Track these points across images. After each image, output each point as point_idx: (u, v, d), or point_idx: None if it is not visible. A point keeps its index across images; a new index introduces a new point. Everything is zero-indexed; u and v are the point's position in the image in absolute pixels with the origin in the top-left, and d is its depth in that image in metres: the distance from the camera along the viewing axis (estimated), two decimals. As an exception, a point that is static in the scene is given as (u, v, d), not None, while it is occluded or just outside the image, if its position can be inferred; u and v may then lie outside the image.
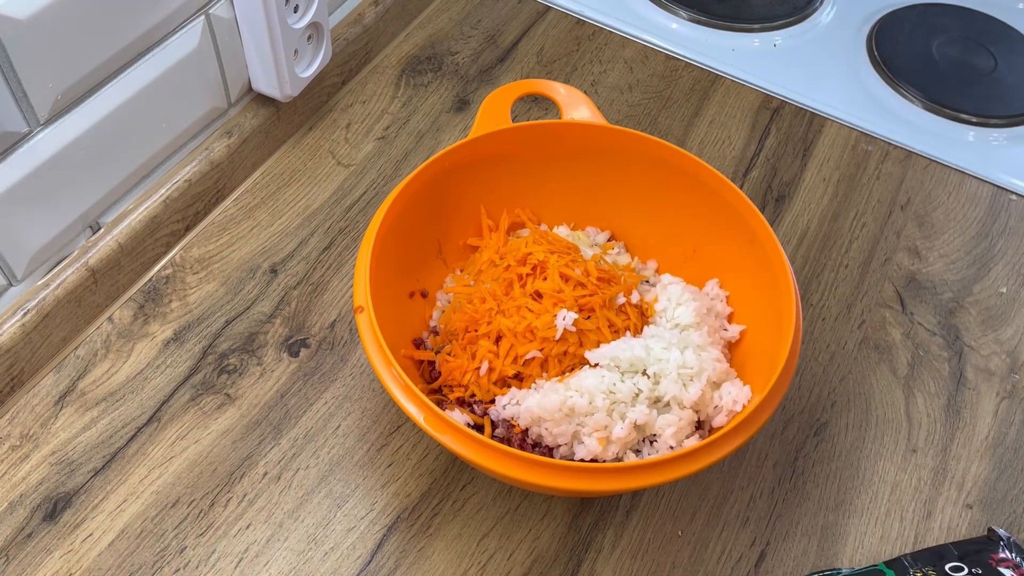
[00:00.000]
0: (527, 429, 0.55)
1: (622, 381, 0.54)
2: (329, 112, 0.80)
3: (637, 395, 0.54)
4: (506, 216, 0.65)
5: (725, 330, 0.61)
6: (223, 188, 0.72)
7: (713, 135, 0.81)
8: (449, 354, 0.58)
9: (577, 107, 0.65)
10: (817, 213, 0.76)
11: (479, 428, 0.56)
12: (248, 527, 0.57)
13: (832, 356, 0.67)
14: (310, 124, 0.79)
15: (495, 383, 0.56)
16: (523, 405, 0.54)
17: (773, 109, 0.84)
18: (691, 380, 0.55)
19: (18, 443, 0.59)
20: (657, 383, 0.55)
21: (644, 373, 0.55)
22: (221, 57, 0.68)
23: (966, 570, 0.53)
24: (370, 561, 0.56)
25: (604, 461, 0.53)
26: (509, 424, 0.55)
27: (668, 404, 0.55)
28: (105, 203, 0.64)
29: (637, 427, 0.54)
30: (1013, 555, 0.54)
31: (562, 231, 0.66)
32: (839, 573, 0.56)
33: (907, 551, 0.58)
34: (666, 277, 0.64)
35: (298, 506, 0.57)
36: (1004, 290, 0.72)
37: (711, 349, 0.58)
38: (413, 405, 0.49)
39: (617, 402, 0.53)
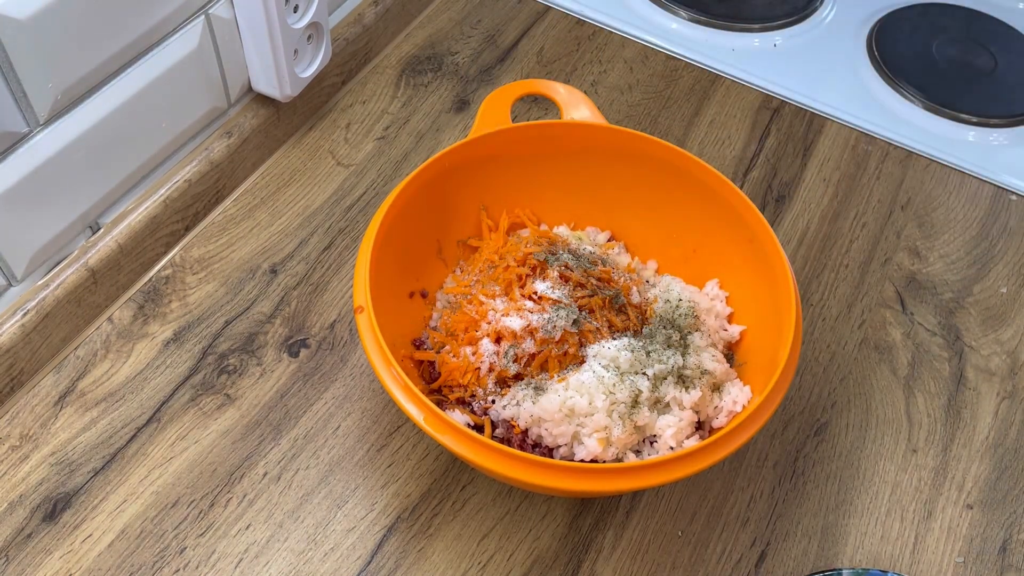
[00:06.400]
0: (527, 430, 0.55)
1: (621, 382, 0.54)
2: (329, 112, 0.80)
3: (637, 396, 0.53)
4: (506, 216, 0.65)
5: (725, 330, 0.61)
6: (223, 188, 0.72)
7: (713, 135, 0.81)
8: (449, 354, 0.58)
9: (577, 107, 0.65)
10: (817, 213, 0.76)
11: (479, 428, 0.56)
12: (248, 527, 0.56)
13: (832, 356, 0.67)
14: (310, 124, 0.79)
15: (495, 383, 0.56)
16: (523, 406, 0.54)
17: (773, 109, 0.84)
18: (691, 381, 0.55)
19: (18, 443, 0.59)
20: (657, 384, 0.55)
21: (644, 374, 0.55)
22: (221, 57, 0.68)
23: None
24: (370, 561, 0.56)
25: (604, 461, 0.53)
26: (509, 424, 0.55)
27: (668, 405, 0.55)
28: (105, 203, 0.64)
29: (637, 428, 0.54)
30: None
31: (562, 231, 0.66)
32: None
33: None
34: (666, 277, 0.64)
35: (298, 506, 0.57)
36: (1004, 290, 0.72)
37: (711, 350, 0.58)
38: (413, 406, 0.49)
39: (617, 403, 0.53)
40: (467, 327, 0.58)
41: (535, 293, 0.58)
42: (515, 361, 0.56)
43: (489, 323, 0.57)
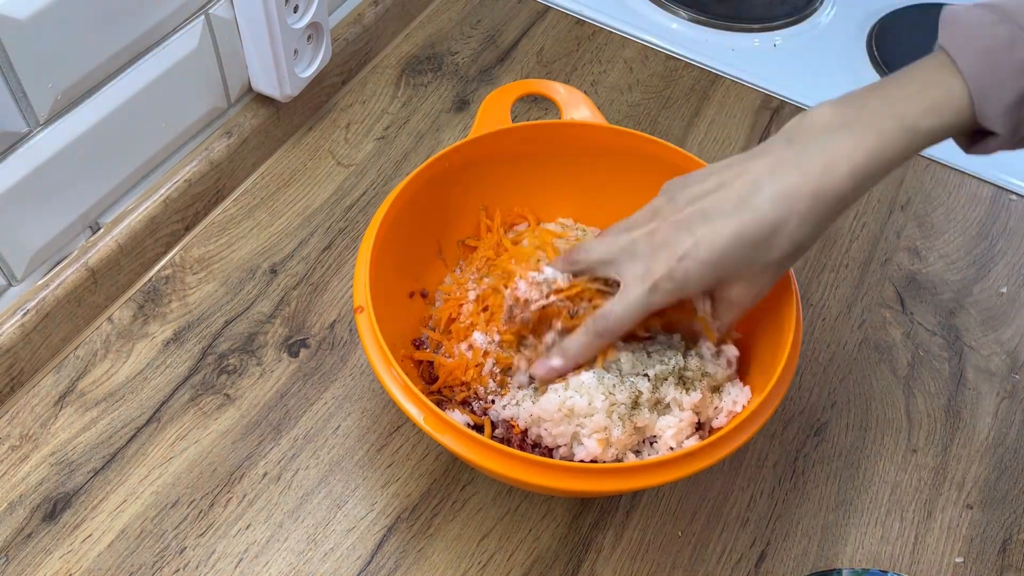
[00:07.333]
0: (527, 430, 0.54)
1: (621, 383, 0.54)
2: (329, 112, 0.80)
3: (637, 397, 0.53)
4: (499, 215, 0.65)
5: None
6: (223, 188, 0.72)
7: (713, 135, 0.81)
8: (444, 355, 0.58)
9: (577, 107, 0.65)
10: (817, 213, 0.76)
11: (479, 428, 0.56)
12: (248, 527, 0.56)
13: (832, 356, 0.67)
14: (310, 124, 0.79)
15: (497, 384, 0.56)
16: (522, 406, 0.54)
17: (773, 109, 0.84)
18: (691, 383, 0.55)
19: (18, 443, 0.59)
20: (658, 386, 0.54)
21: (644, 375, 0.55)
22: (221, 57, 0.68)
23: None
24: (370, 561, 0.56)
25: (604, 462, 0.53)
26: (509, 424, 0.55)
27: (668, 406, 0.55)
28: (105, 203, 0.64)
29: (637, 429, 0.53)
30: None
31: (567, 222, 0.66)
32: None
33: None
34: None
35: (298, 506, 0.57)
36: (1004, 290, 0.72)
37: (712, 348, 0.58)
38: (413, 405, 0.49)
39: (617, 403, 0.53)
40: (451, 314, 0.59)
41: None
42: (511, 322, 0.56)
43: (470, 300, 0.58)
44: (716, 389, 0.57)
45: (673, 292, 0.50)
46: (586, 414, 0.53)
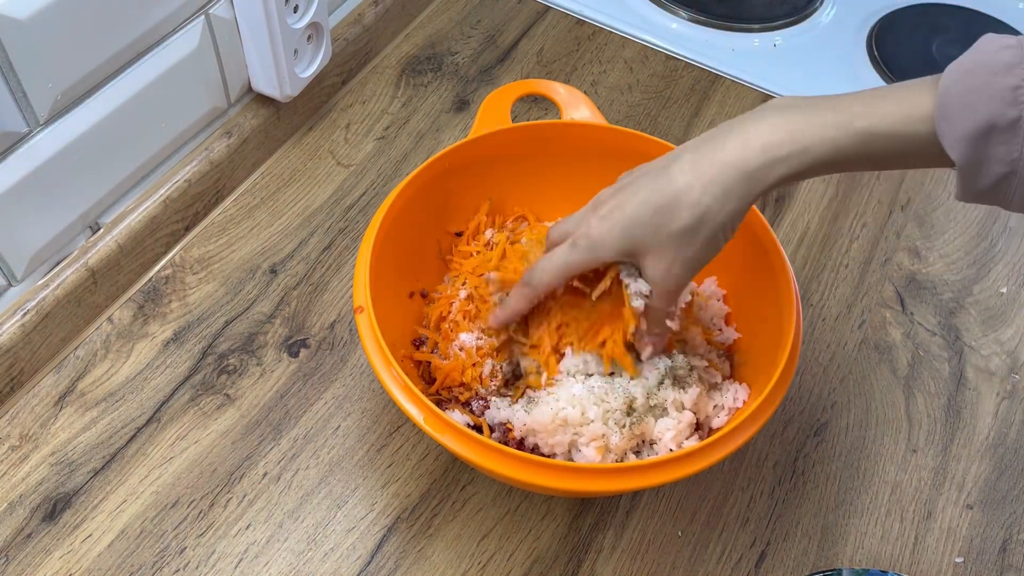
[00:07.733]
0: (523, 439, 0.54)
1: (613, 389, 0.53)
2: (329, 112, 0.80)
3: (632, 402, 0.53)
4: (499, 215, 0.65)
5: (720, 331, 0.61)
6: (223, 188, 0.72)
7: (713, 135, 0.81)
8: (439, 356, 0.58)
9: (577, 107, 0.65)
10: (817, 213, 0.76)
11: (478, 428, 0.56)
12: (248, 527, 0.56)
13: (832, 356, 0.67)
14: (310, 124, 0.79)
15: (496, 385, 0.56)
16: (516, 416, 0.54)
17: (773, 109, 0.84)
18: (684, 381, 0.55)
19: (18, 443, 0.59)
20: (655, 390, 0.54)
21: (642, 377, 0.54)
22: (221, 57, 0.68)
23: None
24: (370, 562, 0.56)
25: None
26: (505, 428, 0.55)
27: (666, 409, 0.54)
28: (105, 203, 0.64)
29: (636, 435, 0.53)
30: None
31: None
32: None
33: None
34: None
35: (298, 506, 0.57)
36: (1004, 290, 0.72)
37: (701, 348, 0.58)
38: (413, 406, 0.49)
39: (612, 410, 0.52)
40: (441, 312, 0.59)
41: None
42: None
43: (460, 298, 0.58)
44: (715, 387, 0.57)
45: (588, 250, 0.49)
46: (581, 423, 0.52)
